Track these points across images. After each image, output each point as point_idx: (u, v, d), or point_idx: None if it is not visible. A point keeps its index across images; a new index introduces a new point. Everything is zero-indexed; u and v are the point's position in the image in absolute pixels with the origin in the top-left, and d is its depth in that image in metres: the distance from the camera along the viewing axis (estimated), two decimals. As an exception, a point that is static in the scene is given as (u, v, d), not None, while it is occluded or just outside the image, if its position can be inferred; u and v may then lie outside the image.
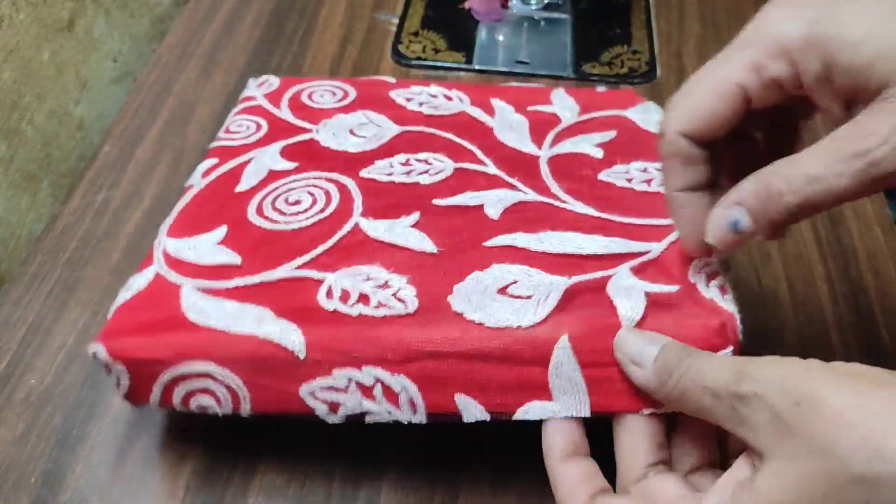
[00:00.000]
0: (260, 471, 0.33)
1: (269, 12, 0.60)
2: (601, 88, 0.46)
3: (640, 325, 0.28)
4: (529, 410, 0.28)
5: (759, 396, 0.21)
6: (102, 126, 0.57)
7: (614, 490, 0.27)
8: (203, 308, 0.30)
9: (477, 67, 0.56)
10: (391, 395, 0.28)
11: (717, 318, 0.28)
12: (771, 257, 0.43)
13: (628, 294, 0.29)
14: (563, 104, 0.43)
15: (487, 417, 0.28)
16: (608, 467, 0.27)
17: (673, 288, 0.29)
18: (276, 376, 0.29)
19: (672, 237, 0.32)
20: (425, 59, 0.56)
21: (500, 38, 0.59)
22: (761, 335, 0.39)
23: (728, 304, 0.29)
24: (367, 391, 0.28)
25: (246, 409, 0.29)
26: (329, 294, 0.30)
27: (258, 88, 0.43)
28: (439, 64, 0.56)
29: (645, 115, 0.41)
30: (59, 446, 0.34)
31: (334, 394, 0.29)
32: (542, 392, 0.28)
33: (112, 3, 0.58)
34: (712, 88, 0.26)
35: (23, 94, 0.49)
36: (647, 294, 0.29)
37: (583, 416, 0.28)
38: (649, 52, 0.57)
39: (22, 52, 0.49)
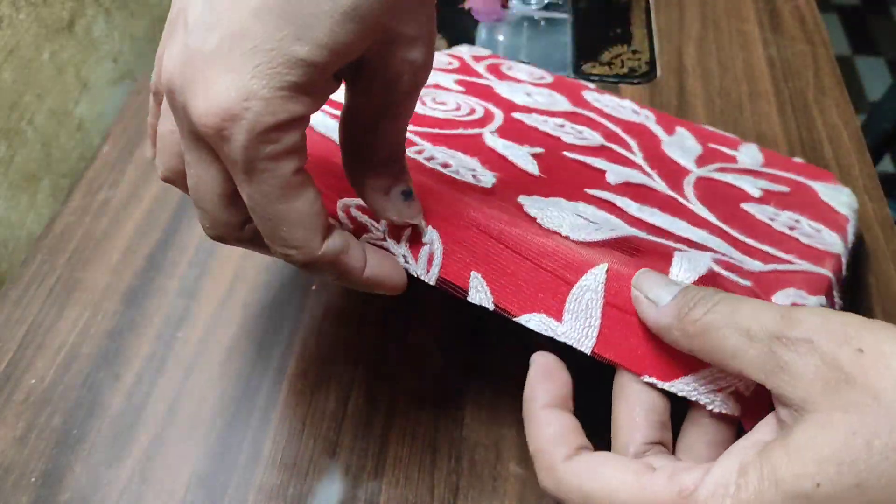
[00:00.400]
0: (259, 471, 0.33)
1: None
2: (798, 159, 0.44)
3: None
4: (532, 320, 0.26)
5: (810, 342, 0.19)
6: (102, 126, 0.57)
7: None
8: None
9: (477, 67, 0.56)
10: (417, 243, 0.28)
11: None
12: (771, 257, 0.43)
13: (691, 260, 0.26)
14: (748, 153, 0.41)
15: (491, 307, 0.27)
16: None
17: (745, 282, 0.27)
18: (325, 181, 0.28)
19: (779, 265, 0.29)
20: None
21: (500, 37, 0.59)
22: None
23: None
24: (396, 230, 0.28)
25: None
26: (418, 152, 0.30)
27: (469, 51, 0.47)
28: (439, 64, 0.56)
29: (833, 193, 0.39)
30: (58, 446, 0.34)
31: (366, 218, 0.28)
32: (554, 310, 0.26)
33: (112, 3, 0.58)
34: None
35: (23, 94, 0.49)
36: (711, 270, 0.26)
37: (581, 349, 0.26)
38: (649, 52, 0.57)
39: (22, 52, 0.49)
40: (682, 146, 0.40)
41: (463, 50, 0.49)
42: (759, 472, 0.19)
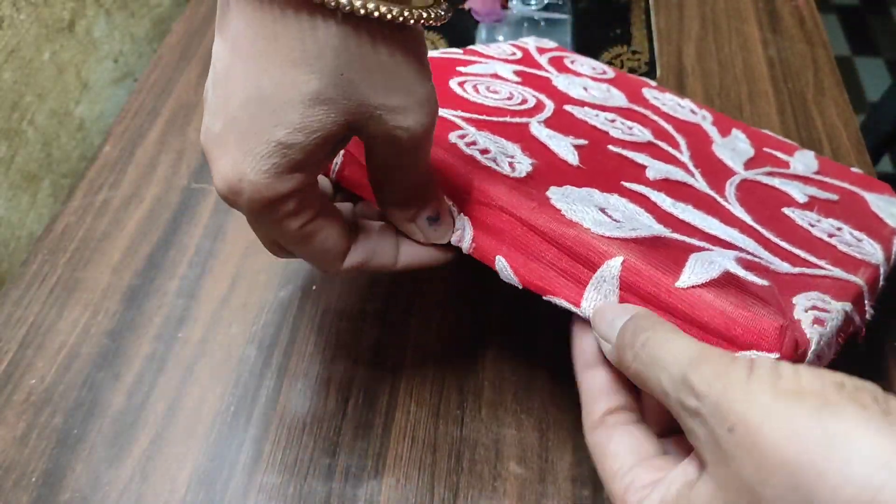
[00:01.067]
0: (260, 471, 0.34)
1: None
2: (856, 169, 0.43)
3: (695, 294, 0.25)
4: (554, 301, 0.28)
5: (700, 414, 0.20)
6: (103, 126, 0.57)
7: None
8: None
9: (477, 68, 0.56)
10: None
11: (781, 321, 0.24)
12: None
13: (705, 263, 0.26)
14: (803, 160, 0.41)
15: (520, 286, 0.28)
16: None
17: (763, 282, 0.26)
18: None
19: (808, 269, 0.29)
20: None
21: (500, 38, 0.59)
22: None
23: (811, 332, 0.25)
24: None
25: (332, 176, 0.33)
26: (461, 136, 0.32)
27: (535, 43, 0.48)
28: (439, 64, 0.56)
29: (885, 205, 0.38)
30: (59, 446, 0.34)
31: None
32: (575, 295, 0.27)
33: (112, 3, 0.58)
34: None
35: (23, 95, 0.49)
36: (727, 272, 0.26)
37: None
38: (649, 53, 0.57)
39: (22, 52, 0.49)
40: (734, 148, 0.40)
41: (529, 41, 0.50)
42: None
